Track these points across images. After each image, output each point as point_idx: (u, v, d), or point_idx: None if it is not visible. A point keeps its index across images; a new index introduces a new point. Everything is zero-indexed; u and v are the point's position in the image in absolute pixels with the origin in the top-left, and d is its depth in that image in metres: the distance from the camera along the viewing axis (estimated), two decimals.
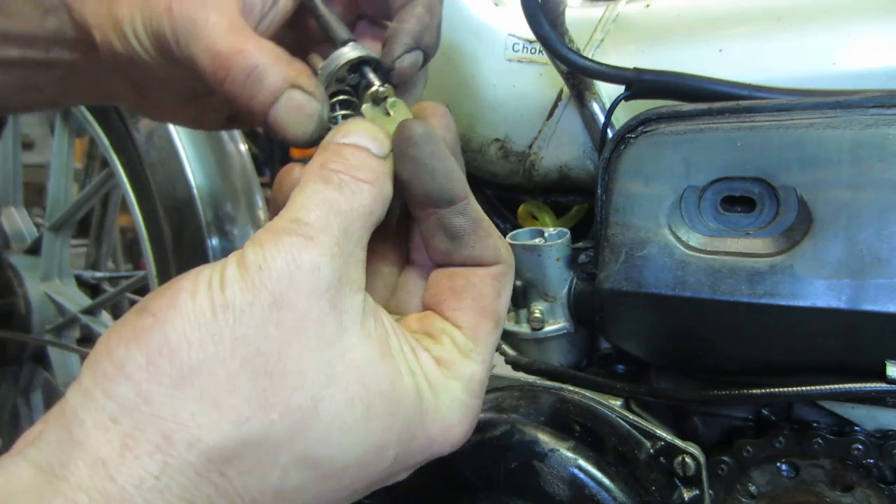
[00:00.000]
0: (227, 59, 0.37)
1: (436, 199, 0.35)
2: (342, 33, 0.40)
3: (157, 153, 1.16)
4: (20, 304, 1.43)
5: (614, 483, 0.46)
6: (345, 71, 0.39)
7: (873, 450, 0.45)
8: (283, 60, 0.38)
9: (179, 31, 0.39)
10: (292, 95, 0.38)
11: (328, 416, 0.29)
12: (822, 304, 0.40)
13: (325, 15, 0.40)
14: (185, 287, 0.29)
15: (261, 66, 0.37)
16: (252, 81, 0.37)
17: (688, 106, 0.47)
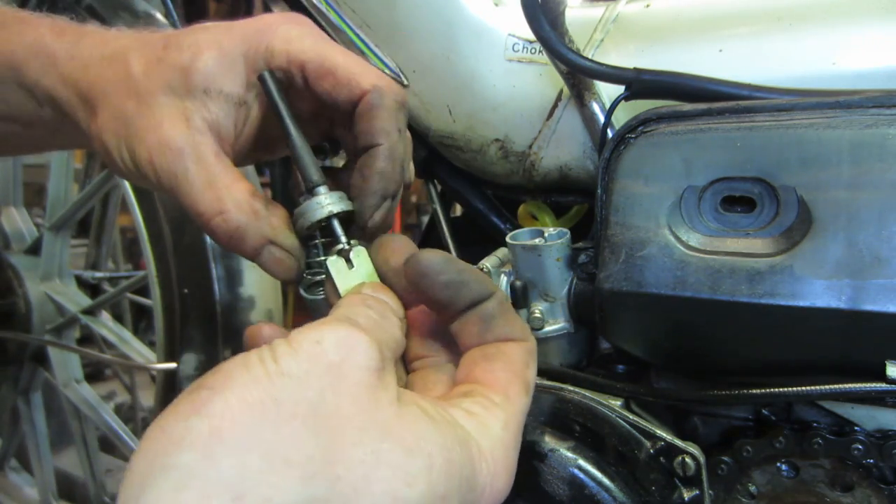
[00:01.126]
0: (210, 220, 0.42)
1: (474, 302, 0.37)
2: (313, 175, 0.43)
3: None
4: (20, 304, 1.43)
5: (614, 483, 0.46)
6: (317, 225, 0.42)
7: (873, 450, 0.45)
8: (261, 217, 0.42)
9: (164, 181, 0.42)
10: (271, 251, 0.43)
11: (390, 468, 0.30)
12: (821, 304, 0.40)
13: (297, 150, 0.43)
14: (237, 362, 0.30)
15: (241, 227, 0.42)
16: (235, 241, 0.42)
17: (688, 106, 0.47)
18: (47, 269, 1.47)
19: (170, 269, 1.15)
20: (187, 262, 1.14)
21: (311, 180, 0.43)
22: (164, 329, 1.18)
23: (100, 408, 1.45)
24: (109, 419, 1.43)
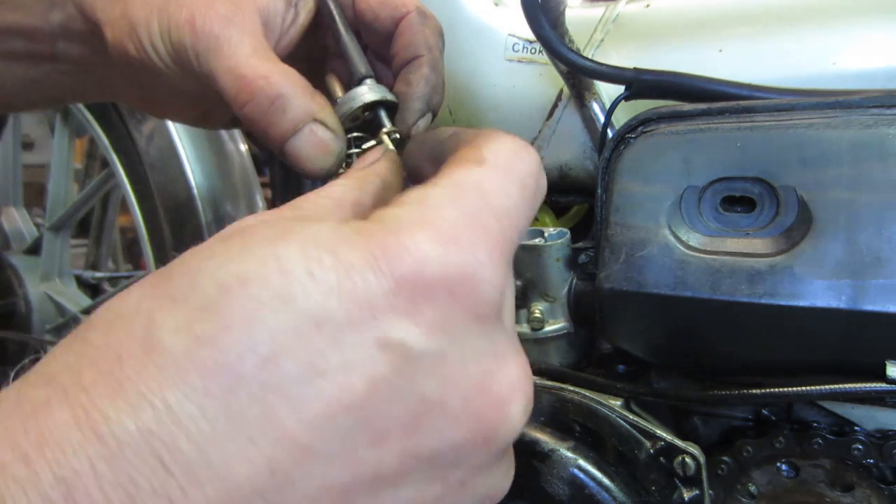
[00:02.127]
0: (251, 83, 0.37)
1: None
2: (361, 67, 0.42)
3: (157, 153, 1.16)
4: (20, 304, 1.43)
5: (614, 483, 0.46)
6: (360, 111, 0.40)
7: (873, 450, 0.45)
8: (308, 92, 0.38)
9: (201, 46, 0.38)
10: (314, 130, 0.38)
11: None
12: (821, 304, 0.40)
13: (347, 45, 0.42)
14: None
15: (285, 95, 0.37)
16: (275, 110, 0.37)
17: (688, 106, 0.47)
18: (47, 269, 1.47)
19: None
20: None
21: (359, 72, 0.41)
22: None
23: None
24: None
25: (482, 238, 0.24)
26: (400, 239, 0.22)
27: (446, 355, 0.23)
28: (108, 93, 0.54)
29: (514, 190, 0.27)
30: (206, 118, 0.53)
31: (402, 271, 0.22)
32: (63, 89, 0.54)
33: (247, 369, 0.20)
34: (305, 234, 0.22)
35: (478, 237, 0.24)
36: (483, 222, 0.25)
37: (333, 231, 0.23)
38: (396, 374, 0.22)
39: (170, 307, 0.21)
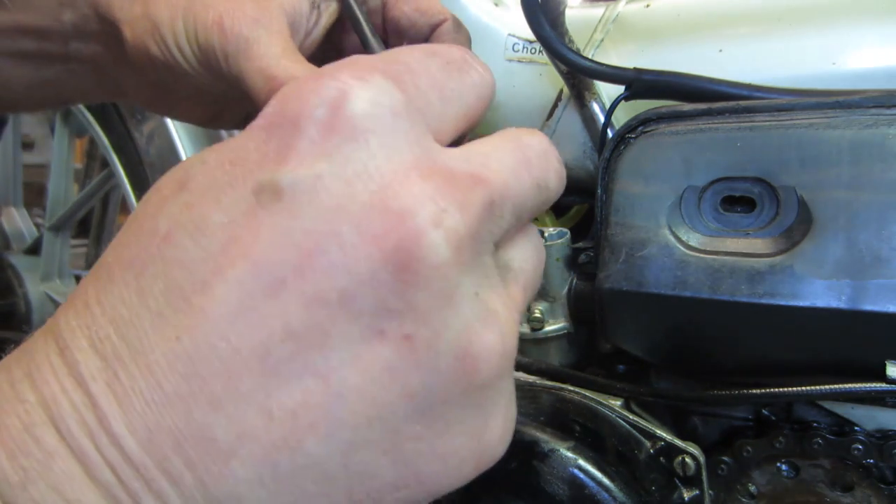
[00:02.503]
0: (282, 84, 0.36)
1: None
2: (378, 49, 0.43)
3: (157, 153, 1.16)
4: (20, 304, 1.43)
5: (614, 483, 0.46)
6: None
7: (873, 450, 0.45)
8: None
9: (230, 47, 0.39)
10: None
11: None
12: (821, 304, 0.40)
13: (372, 44, 0.43)
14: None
15: None
16: None
17: (688, 106, 0.47)
18: (47, 269, 1.47)
19: None
20: None
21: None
22: None
23: None
24: None
25: (348, 66, 0.23)
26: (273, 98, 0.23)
27: (323, 182, 0.21)
28: (119, 93, 0.54)
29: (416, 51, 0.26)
30: (218, 118, 0.53)
31: (267, 119, 0.22)
32: (72, 90, 0.54)
33: (151, 251, 0.22)
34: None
35: (342, 67, 0.23)
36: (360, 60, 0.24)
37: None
38: (272, 213, 0.21)
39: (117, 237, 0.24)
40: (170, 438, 0.20)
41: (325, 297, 0.20)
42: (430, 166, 0.22)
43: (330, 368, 0.21)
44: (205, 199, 0.22)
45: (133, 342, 0.21)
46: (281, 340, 0.21)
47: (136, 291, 0.21)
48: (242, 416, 0.20)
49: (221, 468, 0.21)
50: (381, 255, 0.20)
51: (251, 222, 0.21)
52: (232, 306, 0.21)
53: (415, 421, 0.22)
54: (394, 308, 0.21)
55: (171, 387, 0.20)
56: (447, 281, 0.21)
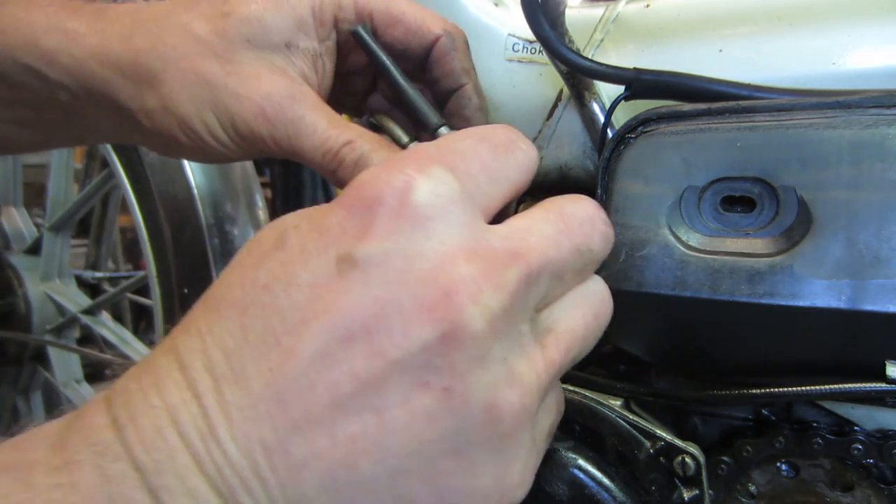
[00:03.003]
0: (338, 153, 0.42)
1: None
2: (434, 118, 0.45)
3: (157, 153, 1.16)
4: (20, 304, 1.43)
5: (614, 483, 0.46)
6: None
7: (873, 450, 0.45)
8: (382, 145, 0.43)
9: (279, 133, 0.42)
10: None
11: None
12: (821, 304, 0.40)
13: (412, 96, 0.45)
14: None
15: (366, 153, 0.42)
16: (360, 167, 0.42)
17: (688, 106, 0.47)
18: (47, 269, 1.47)
19: (170, 269, 1.15)
20: (187, 262, 1.15)
21: (433, 123, 0.45)
22: (164, 329, 1.18)
23: None
24: None
25: (413, 158, 0.29)
26: (352, 183, 0.29)
27: (390, 258, 0.26)
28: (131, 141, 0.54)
29: (469, 138, 0.31)
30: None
31: (348, 201, 0.28)
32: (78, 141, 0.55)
33: (253, 296, 0.27)
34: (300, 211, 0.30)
35: (408, 159, 0.29)
36: (422, 151, 0.30)
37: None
38: (349, 280, 0.26)
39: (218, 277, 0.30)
40: (260, 448, 0.26)
41: (385, 351, 0.26)
42: (474, 248, 0.27)
43: (384, 407, 0.26)
44: (297, 260, 0.27)
45: (236, 368, 0.26)
46: (348, 381, 0.26)
47: (240, 328, 0.27)
48: (314, 437, 0.26)
49: (295, 476, 0.26)
50: (430, 322, 0.26)
51: (332, 285, 0.26)
52: (312, 351, 0.26)
53: (448, 458, 0.27)
54: (437, 365, 0.26)
55: (263, 408, 0.26)
56: (480, 347, 0.26)
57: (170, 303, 1.15)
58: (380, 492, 0.27)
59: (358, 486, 0.26)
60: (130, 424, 0.26)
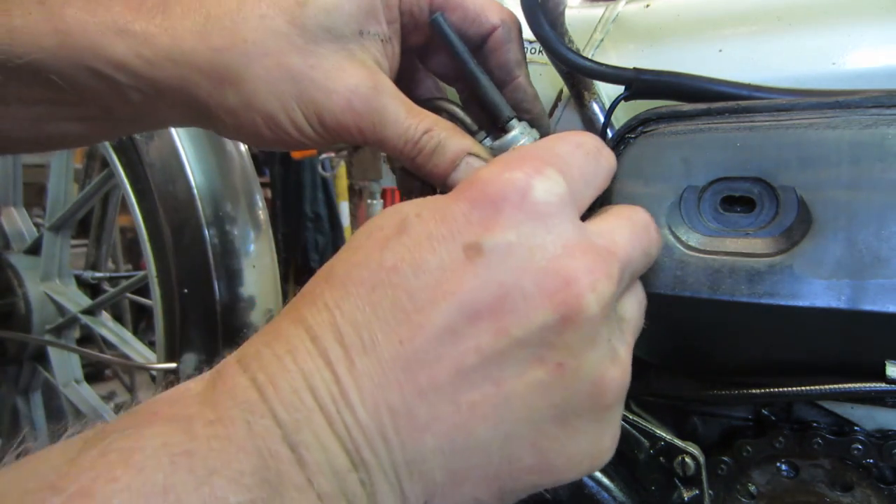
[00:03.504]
0: (418, 140, 0.44)
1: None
2: (507, 110, 0.46)
3: (157, 153, 1.16)
4: (20, 304, 1.43)
5: (614, 483, 0.46)
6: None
7: (873, 450, 0.45)
8: (457, 132, 0.45)
9: (365, 123, 0.43)
10: (471, 162, 0.44)
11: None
12: (821, 304, 0.40)
13: (489, 91, 0.46)
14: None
15: (444, 140, 0.44)
16: (438, 154, 0.44)
17: (688, 106, 0.47)
18: (47, 269, 1.47)
19: (170, 269, 1.15)
20: (187, 262, 1.15)
21: (505, 115, 0.46)
22: (164, 329, 1.18)
23: (100, 408, 1.45)
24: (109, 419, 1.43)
25: (528, 160, 0.32)
26: (472, 177, 0.32)
27: (514, 248, 0.29)
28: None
29: (566, 144, 0.34)
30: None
31: (472, 195, 0.31)
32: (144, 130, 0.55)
33: (381, 276, 0.30)
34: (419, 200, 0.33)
35: (524, 160, 0.32)
36: (532, 153, 0.33)
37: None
38: (476, 266, 0.29)
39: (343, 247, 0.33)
40: (387, 411, 0.29)
41: (509, 330, 0.29)
42: (584, 243, 0.31)
43: (502, 379, 0.29)
44: (424, 246, 0.30)
45: (366, 340, 0.29)
46: (473, 355, 0.29)
47: (369, 304, 0.30)
48: (438, 403, 0.29)
49: (417, 437, 0.29)
50: (550, 305, 0.29)
51: (460, 269, 0.29)
52: (442, 326, 0.29)
53: (555, 425, 0.30)
54: (553, 343, 0.29)
55: (392, 376, 0.29)
56: (593, 329, 0.30)
57: (170, 303, 1.15)
58: (491, 454, 0.30)
59: (472, 448, 0.29)
60: (270, 386, 0.28)
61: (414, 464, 0.29)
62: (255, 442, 0.27)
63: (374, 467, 0.29)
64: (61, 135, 0.48)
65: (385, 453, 0.29)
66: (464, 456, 0.29)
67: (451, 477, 0.30)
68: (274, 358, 0.29)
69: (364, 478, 0.29)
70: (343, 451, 0.28)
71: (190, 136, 1.15)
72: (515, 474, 0.31)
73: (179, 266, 1.14)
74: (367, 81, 0.42)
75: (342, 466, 0.28)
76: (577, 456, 0.32)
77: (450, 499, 0.30)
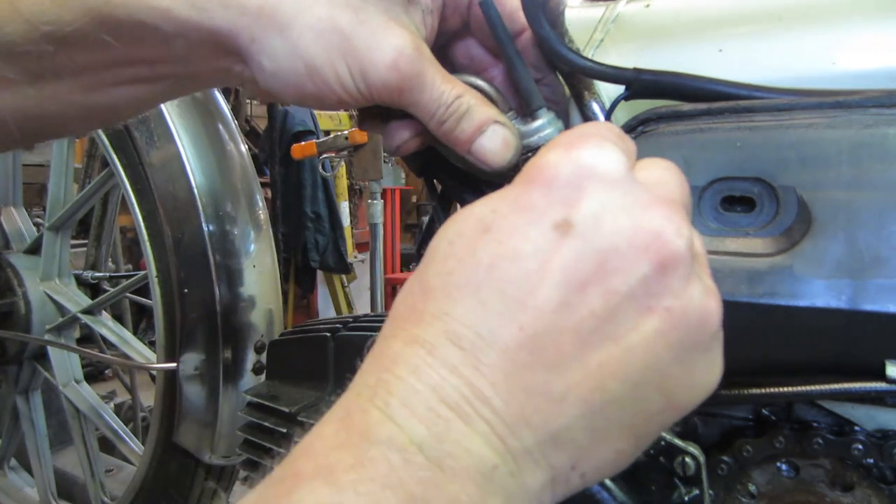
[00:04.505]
0: (450, 105, 0.45)
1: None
2: (538, 99, 0.48)
3: (157, 153, 1.16)
4: (20, 303, 1.43)
5: (614, 483, 0.46)
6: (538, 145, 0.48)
7: (873, 450, 0.45)
8: (484, 101, 0.47)
9: (406, 84, 0.44)
10: (496, 129, 0.46)
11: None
12: (821, 304, 0.40)
13: (525, 79, 0.48)
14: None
15: (473, 106, 0.46)
16: (466, 119, 0.46)
17: (688, 106, 0.47)
18: (47, 269, 1.47)
19: (170, 269, 1.15)
20: (187, 262, 1.15)
21: (536, 103, 0.48)
22: (164, 329, 1.18)
23: (100, 408, 1.45)
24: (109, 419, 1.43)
25: (591, 138, 0.34)
26: (537, 163, 0.34)
27: (600, 216, 0.31)
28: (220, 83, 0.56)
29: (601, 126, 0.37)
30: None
31: (544, 177, 0.33)
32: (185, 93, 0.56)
33: (480, 276, 0.31)
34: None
35: (587, 139, 0.34)
36: (586, 132, 0.35)
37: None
38: (572, 238, 0.31)
39: (425, 262, 0.34)
40: (523, 394, 0.30)
41: (615, 289, 0.31)
42: (655, 198, 0.33)
43: (619, 335, 0.31)
44: (514, 237, 0.32)
45: (485, 336, 0.30)
46: (589, 320, 0.31)
47: (479, 303, 0.31)
48: (568, 372, 0.31)
49: (557, 409, 0.30)
50: (646, 258, 0.31)
51: (556, 247, 0.31)
52: (555, 302, 0.31)
53: (674, 364, 0.32)
54: (656, 291, 0.31)
55: (520, 360, 0.30)
56: (686, 268, 0.32)
57: (170, 303, 1.15)
58: (624, 405, 0.32)
59: (609, 403, 0.31)
60: (404, 410, 0.29)
61: (559, 435, 0.31)
62: (399, 475, 0.28)
63: (519, 453, 0.30)
64: (107, 104, 0.49)
65: (530, 435, 0.30)
66: (602, 413, 0.31)
67: (593, 436, 0.32)
68: (398, 381, 0.30)
69: (512, 468, 0.30)
70: (488, 448, 0.29)
71: (190, 135, 1.16)
72: (648, 418, 0.33)
73: (179, 266, 1.14)
74: (411, 43, 0.43)
75: (488, 465, 0.29)
76: (697, 387, 0.34)
77: (594, 457, 0.32)
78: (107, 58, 0.45)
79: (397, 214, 4.66)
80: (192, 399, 1.16)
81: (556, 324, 0.31)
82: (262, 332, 1.17)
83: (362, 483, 0.27)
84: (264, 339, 1.17)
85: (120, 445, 1.40)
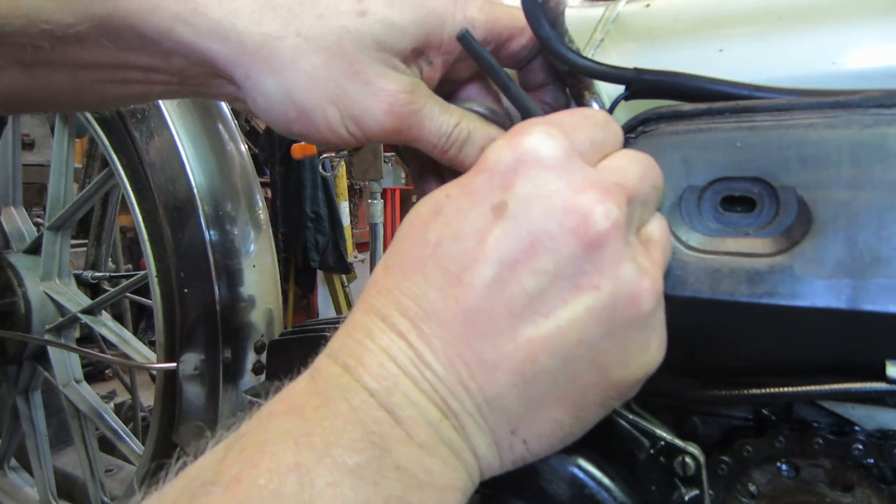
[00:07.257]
0: (452, 136, 0.47)
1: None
2: (539, 113, 0.48)
3: (157, 153, 1.16)
4: (20, 303, 1.43)
5: (614, 483, 0.46)
6: None
7: (873, 450, 0.45)
8: (483, 123, 0.49)
9: (404, 124, 0.45)
10: None
11: None
12: (821, 304, 0.40)
13: (521, 97, 0.49)
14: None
15: (473, 130, 0.48)
16: (468, 144, 0.48)
17: (688, 106, 0.47)
18: (47, 268, 1.47)
19: (170, 269, 1.15)
20: (187, 262, 1.15)
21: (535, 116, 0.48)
22: (164, 329, 1.18)
23: (100, 408, 1.45)
24: (109, 419, 1.43)
25: (534, 125, 0.36)
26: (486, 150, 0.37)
27: (533, 198, 0.34)
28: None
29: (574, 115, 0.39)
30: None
31: (487, 165, 0.36)
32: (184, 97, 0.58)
33: (427, 253, 0.35)
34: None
35: (530, 126, 0.36)
36: (537, 121, 0.37)
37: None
38: (506, 220, 0.34)
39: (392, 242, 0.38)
40: (460, 361, 0.34)
41: (544, 268, 0.33)
42: (592, 181, 0.34)
43: (549, 310, 0.33)
44: (457, 218, 0.35)
45: (427, 309, 0.34)
46: (520, 296, 0.33)
47: (423, 278, 0.34)
48: (500, 343, 0.33)
49: (491, 377, 0.33)
50: (576, 239, 0.33)
51: (492, 228, 0.34)
52: (488, 279, 0.33)
53: (605, 340, 0.34)
54: (586, 269, 0.33)
55: (457, 330, 0.33)
56: (615, 249, 0.34)
57: (170, 303, 1.15)
58: (557, 376, 0.34)
59: (539, 374, 0.34)
60: (359, 366, 0.33)
61: (494, 401, 0.34)
62: (357, 414, 0.32)
63: (461, 413, 0.34)
64: (98, 96, 0.50)
65: (467, 398, 0.34)
66: (533, 384, 0.34)
67: (527, 405, 0.34)
68: (356, 343, 0.35)
69: (455, 423, 0.34)
70: (432, 404, 0.33)
71: (190, 135, 1.15)
72: (582, 391, 0.35)
73: (179, 266, 1.14)
74: (407, 85, 0.44)
75: (434, 417, 0.33)
76: (631, 364, 0.36)
77: (532, 424, 0.35)
78: (103, 59, 0.45)
79: (397, 214, 4.66)
80: (192, 399, 1.16)
81: (488, 299, 0.33)
82: (262, 332, 1.17)
83: (326, 418, 0.31)
84: (264, 339, 1.17)
85: (120, 445, 1.40)
